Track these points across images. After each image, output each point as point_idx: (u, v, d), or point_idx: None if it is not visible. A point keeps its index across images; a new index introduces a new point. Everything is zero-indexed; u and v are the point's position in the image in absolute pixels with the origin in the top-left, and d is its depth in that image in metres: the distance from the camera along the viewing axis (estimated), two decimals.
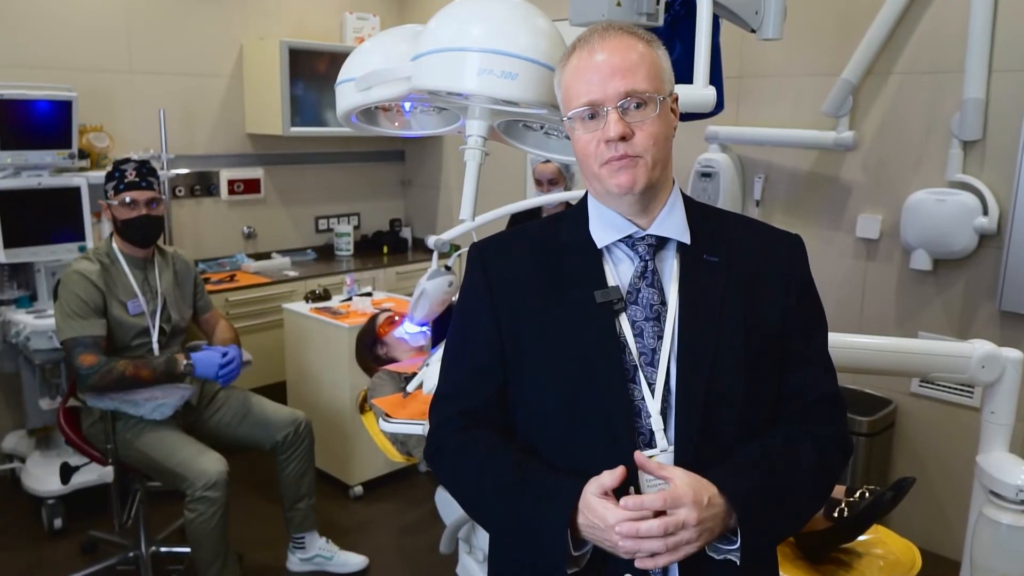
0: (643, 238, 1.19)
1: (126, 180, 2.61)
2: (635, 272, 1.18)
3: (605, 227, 1.20)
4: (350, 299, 3.67)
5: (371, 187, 4.97)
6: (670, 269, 1.19)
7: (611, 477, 1.07)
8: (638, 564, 1.06)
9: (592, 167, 1.16)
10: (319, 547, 2.96)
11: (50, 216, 3.28)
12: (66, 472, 2.83)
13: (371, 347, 2.75)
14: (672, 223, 1.19)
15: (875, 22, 2.97)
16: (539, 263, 1.22)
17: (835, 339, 1.93)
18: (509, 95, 1.30)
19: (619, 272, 1.20)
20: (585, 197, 1.26)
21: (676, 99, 1.20)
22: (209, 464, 2.53)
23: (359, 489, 3.54)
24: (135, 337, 2.64)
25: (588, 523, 1.07)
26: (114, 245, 2.68)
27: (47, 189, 3.25)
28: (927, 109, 2.96)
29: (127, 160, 2.67)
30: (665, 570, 1.13)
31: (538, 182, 3.51)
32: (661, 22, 2.08)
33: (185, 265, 2.86)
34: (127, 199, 2.59)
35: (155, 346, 2.67)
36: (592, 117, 1.13)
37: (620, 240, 1.19)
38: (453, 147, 4.83)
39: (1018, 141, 2.70)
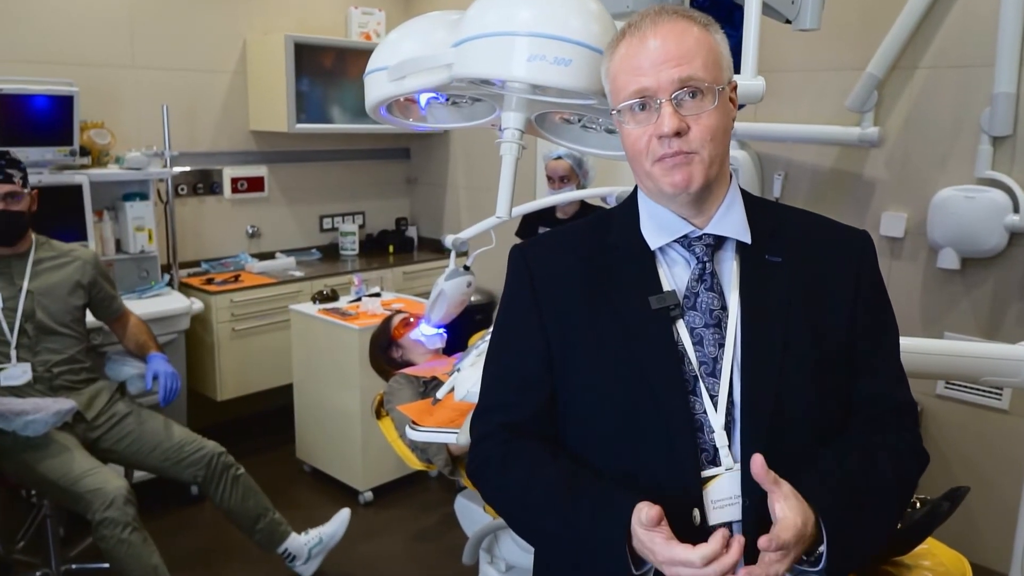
0: (700, 238, 1.10)
1: None
2: (692, 275, 1.10)
3: (658, 227, 1.12)
4: (359, 300, 3.58)
5: (376, 185, 4.87)
6: (729, 271, 1.11)
7: (647, 514, 0.96)
8: None
9: (643, 164, 1.07)
10: (305, 544, 2.81)
11: (51, 214, 3.16)
12: None
13: (386, 349, 2.67)
14: (731, 221, 1.11)
15: (901, 15, 2.89)
16: (587, 267, 1.14)
17: None
18: (562, 83, 1.21)
19: (674, 275, 1.12)
20: (634, 195, 1.18)
21: (735, 88, 1.11)
22: (105, 482, 2.35)
23: (369, 495, 3.45)
24: None
25: (641, 548, 0.99)
26: None
27: (48, 187, 3.14)
28: (955, 104, 2.89)
29: None
30: None
31: (550, 179, 3.44)
32: None
33: (82, 266, 2.69)
34: None
35: (12, 350, 2.50)
36: (643, 109, 1.05)
37: (675, 241, 1.11)
38: (460, 145, 4.74)
39: None
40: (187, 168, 3.96)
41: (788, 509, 0.97)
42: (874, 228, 3.13)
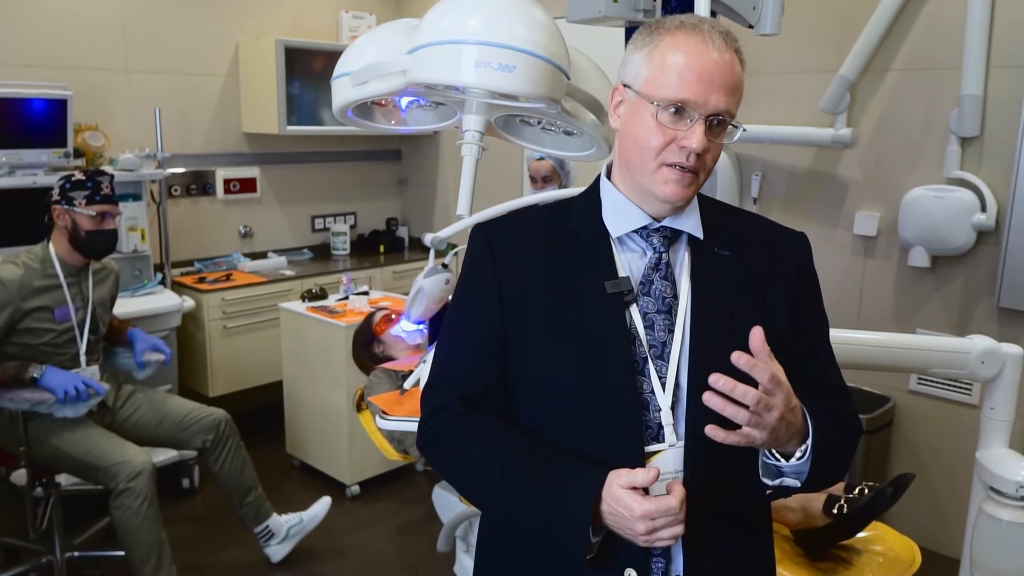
0: (658, 230, 1.17)
1: (102, 192, 2.60)
2: (648, 263, 1.16)
3: (620, 217, 1.18)
4: (346, 298, 3.66)
5: (368, 186, 4.95)
6: (682, 262, 1.18)
7: (644, 477, 1.04)
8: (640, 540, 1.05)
9: (648, 161, 1.11)
10: (286, 523, 2.94)
11: (45, 215, 3.26)
12: None
13: (368, 345, 2.74)
14: (687, 217, 1.18)
15: (872, 18, 2.96)
16: (548, 249, 1.19)
17: (834, 335, 1.92)
18: (506, 88, 1.29)
19: (629, 263, 1.18)
20: (596, 184, 1.23)
21: None
22: (133, 456, 2.51)
23: (356, 488, 3.53)
24: (59, 344, 2.59)
25: (611, 511, 1.05)
26: (52, 252, 2.61)
27: (42, 188, 3.22)
28: (925, 106, 2.96)
29: (101, 172, 2.65)
30: (667, 565, 1.13)
31: (532, 179, 3.51)
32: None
33: (115, 279, 2.85)
34: (97, 212, 2.57)
35: (82, 356, 2.63)
36: (677, 112, 1.08)
37: (633, 231, 1.18)
38: (450, 146, 4.82)
39: (1016, 137, 2.69)
40: (181, 169, 4.04)
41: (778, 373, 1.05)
42: (848, 227, 3.21)
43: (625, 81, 1.15)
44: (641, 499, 1.04)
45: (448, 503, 2.37)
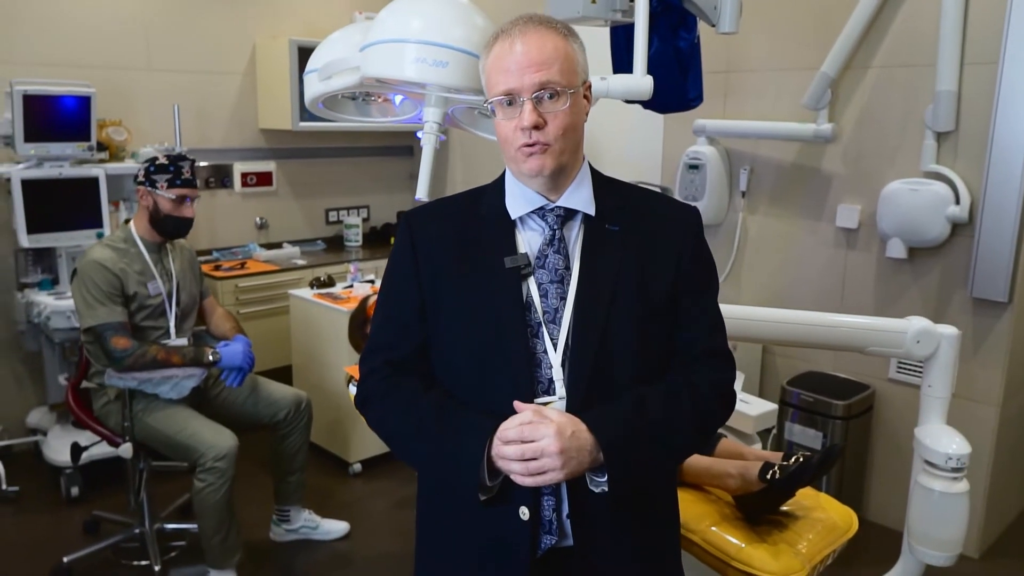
0: (552, 210, 1.32)
1: (183, 177, 2.73)
2: (544, 240, 1.32)
3: (519, 200, 1.34)
4: (351, 286, 3.84)
5: (380, 181, 5.14)
6: (576, 238, 1.33)
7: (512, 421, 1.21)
8: (515, 479, 1.21)
9: (509, 150, 1.29)
10: (304, 519, 3.14)
11: (70, 204, 3.49)
12: (76, 452, 2.92)
13: (362, 327, 2.91)
14: (579, 196, 1.33)
15: (852, 17, 3.05)
16: (460, 230, 1.36)
17: (779, 315, 2.05)
18: (440, 81, 1.44)
19: (529, 241, 1.34)
20: (504, 174, 1.39)
21: (589, 87, 1.33)
22: (221, 438, 2.65)
23: (358, 466, 3.70)
24: (154, 317, 2.74)
25: (498, 456, 1.22)
26: (132, 230, 2.76)
27: (68, 179, 3.47)
28: (903, 101, 3.04)
29: (183, 157, 2.77)
30: (558, 504, 1.29)
31: None
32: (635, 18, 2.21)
33: (190, 252, 3.00)
34: (177, 196, 2.71)
35: (171, 327, 2.78)
36: (510, 104, 1.25)
37: (532, 212, 1.33)
38: (460, 142, 4.98)
39: (988, 132, 2.77)
40: (201, 163, 4.26)
41: (548, 415, 1.21)
42: (831, 220, 3.30)
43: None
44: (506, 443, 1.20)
45: None
